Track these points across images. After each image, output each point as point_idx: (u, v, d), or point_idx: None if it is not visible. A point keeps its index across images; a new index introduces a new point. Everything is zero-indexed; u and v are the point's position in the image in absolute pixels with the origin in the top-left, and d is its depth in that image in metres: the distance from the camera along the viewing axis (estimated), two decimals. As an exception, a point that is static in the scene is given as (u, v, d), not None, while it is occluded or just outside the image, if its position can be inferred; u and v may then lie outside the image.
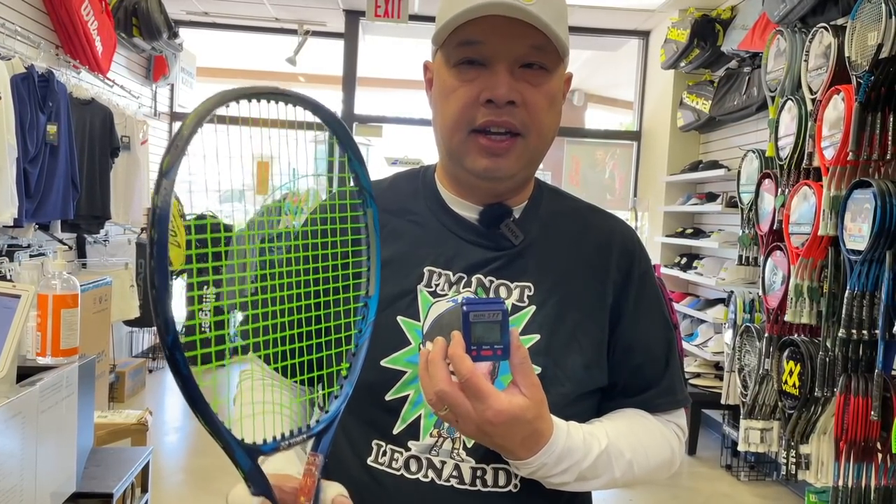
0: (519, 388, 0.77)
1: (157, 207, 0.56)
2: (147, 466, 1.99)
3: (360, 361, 0.76)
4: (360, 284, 0.78)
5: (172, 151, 0.58)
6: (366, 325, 0.77)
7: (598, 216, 1.03)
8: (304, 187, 0.82)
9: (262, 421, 0.80)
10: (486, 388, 0.75)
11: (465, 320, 0.75)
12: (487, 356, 0.76)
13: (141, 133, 5.05)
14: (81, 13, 4.27)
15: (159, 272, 0.56)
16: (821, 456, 3.06)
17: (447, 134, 0.91)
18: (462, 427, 0.78)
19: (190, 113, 0.60)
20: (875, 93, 2.70)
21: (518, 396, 0.76)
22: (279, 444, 0.68)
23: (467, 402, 0.75)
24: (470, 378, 0.74)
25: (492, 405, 0.75)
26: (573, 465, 0.82)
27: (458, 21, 0.85)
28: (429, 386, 0.76)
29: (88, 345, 3.71)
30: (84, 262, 4.75)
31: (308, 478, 0.69)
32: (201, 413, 0.61)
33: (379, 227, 0.78)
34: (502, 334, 0.76)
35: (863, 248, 2.66)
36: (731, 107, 4.50)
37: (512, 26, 0.84)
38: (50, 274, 1.56)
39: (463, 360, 0.74)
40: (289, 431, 0.70)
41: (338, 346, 0.79)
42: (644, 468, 0.90)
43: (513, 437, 0.78)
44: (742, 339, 3.77)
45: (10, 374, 1.39)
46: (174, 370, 0.59)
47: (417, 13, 5.79)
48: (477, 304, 0.76)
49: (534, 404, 0.77)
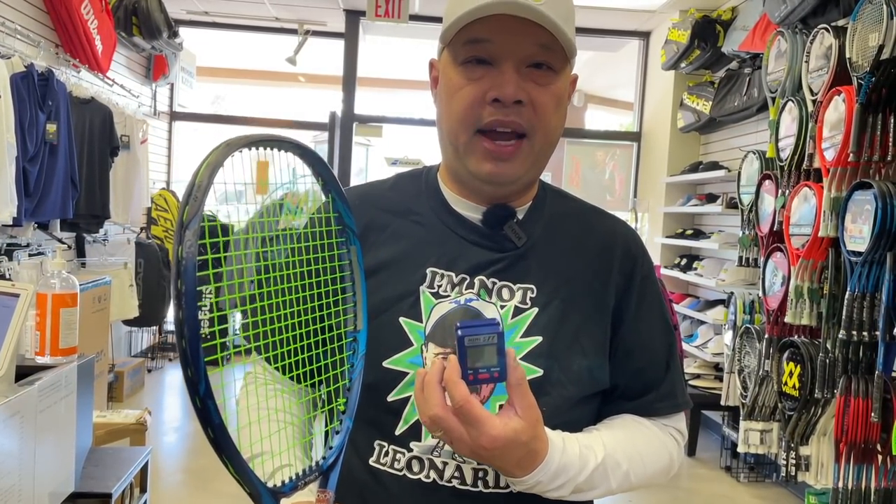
0: (515, 408, 0.77)
1: (182, 259, 0.57)
2: (146, 466, 1.98)
3: (356, 395, 0.78)
4: (348, 321, 0.80)
5: (192, 203, 0.59)
6: (357, 359, 0.78)
7: (601, 218, 1.02)
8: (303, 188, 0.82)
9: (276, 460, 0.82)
10: (480, 414, 0.75)
11: (460, 345, 0.74)
12: (484, 379, 0.75)
13: (140, 132, 5.04)
14: (81, 12, 4.27)
15: (188, 323, 0.57)
16: (821, 457, 3.06)
17: (452, 133, 0.91)
18: (457, 449, 0.78)
19: (201, 164, 0.61)
20: (876, 94, 2.70)
21: (514, 419, 0.76)
22: (297, 484, 0.70)
23: (461, 428, 0.75)
24: (464, 406, 0.74)
25: (486, 431, 0.74)
26: (569, 481, 0.82)
27: (467, 19, 0.84)
28: (424, 408, 0.76)
29: (87, 344, 3.71)
30: (83, 261, 4.74)
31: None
32: (230, 460, 0.61)
33: (363, 263, 0.82)
34: (499, 357, 0.75)
35: (863, 249, 2.66)
36: (731, 108, 4.49)
37: (520, 25, 0.83)
38: (49, 273, 1.55)
39: (457, 386, 0.74)
40: (302, 471, 0.72)
41: (333, 384, 0.80)
42: (641, 477, 0.91)
43: (508, 460, 0.78)
44: (742, 340, 3.77)
45: (9, 374, 1.38)
46: (204, 419, 0.59)
47: (418, 13, 5.79)
48: (472, 328, 0.75)
49: (529, 426, 0.77)
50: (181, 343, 0.57)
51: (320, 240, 0.82)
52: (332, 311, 0.81)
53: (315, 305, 0.80)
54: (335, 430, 0.76)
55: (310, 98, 8.72)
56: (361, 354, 0.78)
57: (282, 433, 0.88)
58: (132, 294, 4.92)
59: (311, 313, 0.80)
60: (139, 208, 5.08)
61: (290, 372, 0.79)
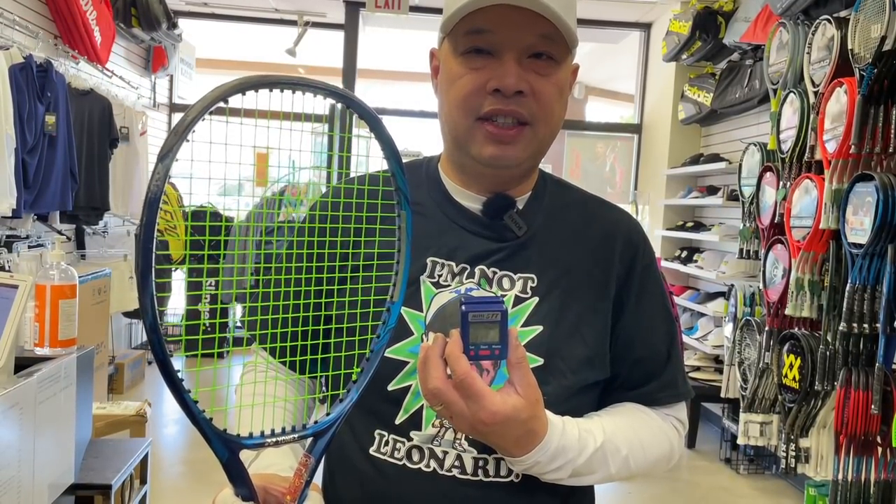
0: (515, 387, 0.77)
1: (148, 191, 0.56)
2: (146, 458, 1.98)
3: (373, 369, 0.75)
4: (386, 289, 0.77)
5: (171, 137, 0.58)
6: (385, 332, 0.76)
7: (602, 208, 1.02)
8: (304, 180, 0.81)
9: (250, 414, 0.80)
10: (480, 388, 0.75)
11: (463, 320, 0.75)
12: (485, 356, 0.76)
13: (140, 124, 5.03)
14: (80, 3, 4.25)
15: (143, 255, 0.57)
16: (820, 450, 3.06)
17: (452, 121, 0.90)
18: (456, 424, 0.78)
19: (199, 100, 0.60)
20: (878, 85, 2.68)
21: (513, 396, 0.77)
22: (265, 440, 0.68)
23: (461, 402, 0.76)
24: (465, 379, 0.75)
25: (485, 406, 0.75)
26: (567, 463, 0.82)
27: (468, 9, 0.84)
28: (425, 381, 0.76)
29: (87, 336, 3.71)
30: (83, 253, 4.74)
31: (297, 478, 0.69)
32: (180, 399, 0.62)
33: (411, 231, 0.75)
34: (501, 334, 0.75)
35: (864, 241, 2.65)
36: (732, 100, 4.48)
37: (521, 15, 0.83)
38: (48, 265, 1.55)
39: (459, 360, 0.75)
40: (280, 429, 0.69)
41: (352, 349, 0.78)
42: (641, 463, 0.91)
43: (507, 437, 0.78)
44: (742, 332, 3.77)
45: (8, 365, 1.38)
46: (153, 352, 0.60)
47: (418, 4, 5.76)
48: (476, 304, 0.75)
49: (528, 404, 0.77)
50: (136, 273, 0.57)
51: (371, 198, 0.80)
52: (369, 276, 0.80)
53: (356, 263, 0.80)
54: (339, 399, 0.74)
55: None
56: (390, 328, 0.76)
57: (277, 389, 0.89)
58: (132, 286, 4.92)
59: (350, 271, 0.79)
60: (139, 200, 5.07)
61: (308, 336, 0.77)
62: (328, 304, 0.84)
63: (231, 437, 0.65)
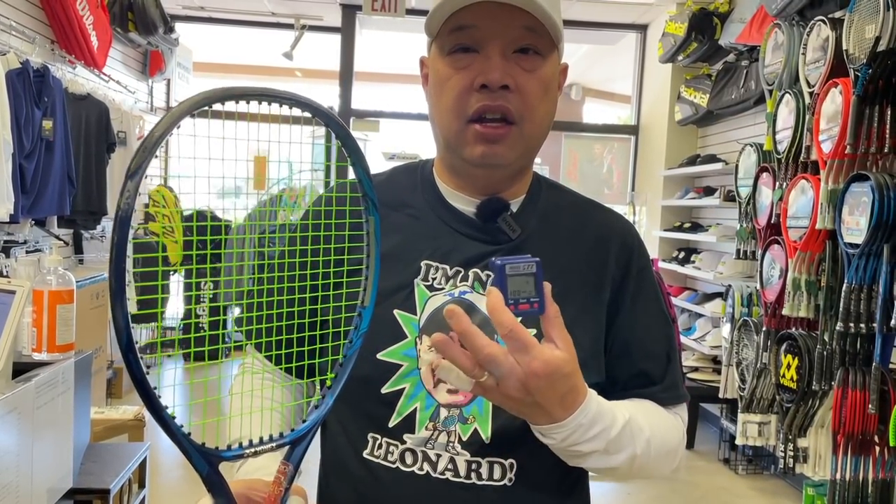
0: (554, 342, 0.74)
1: (118, 209, 0.55)
2: (144, 462, 1.99)
3: (346, 374, 0.73)
4: (356, 294, 0.76)
5: (140, 154, 0.56)
6: (357, 336, 0.74)
7: (596, 211, 1.02)
8: (301, 183, 0.81)
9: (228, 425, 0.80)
10: (530, 338, 0.72)
11: (500, 273, 0.72)
12: (525, 310, 0.73)
13: (137, 128, 5.03)
14: (77, 8, 4.25)
15: (116, 275, 0.55)
16: (818, 449, 3.07)
17: (444, 124, 0.91)
18: (503, 387, 0.73)
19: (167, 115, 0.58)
20: (873, 86, 2.69)
21: (557, 350, 0.74)
22: (244, 451, 0.67)
23: (510, 359, 0.72)
24: (513, 329, 0.71)
25: (537, 356, 0.71)
26: (603, 431, 0.79)
27: (452, 8, 0.85)
28: (475, 349, 0.71)
29: (86, 340, 3.71)
30: (81, 257, 4.74)
31: (276, 486, 0.68)
32: (157, 416, 0.61)
33: (380, 237, 0.75)
34: (537, 287, 0.73)
35: (860, 241, 2.66)
36: (728, 100, 4.49)
37: (505, 10, 0.84)
38: (45, 270, 1.55)
39: (504, 312, 0.71)
40: (258, 439, 0.68)
41: (326, 356, 0.78)
42: (659, 449, 0.88)
43: (554, 393, 0.74)
44: (740, 332, 3.78)
45: (6, 370, 1.38)
46: (129, 373, 0.58)
47: (414, 7, 5.77)
48: (510, 259, 0.73)
49: (572, 358, 0.75)
50: (110, 294, 0.56)
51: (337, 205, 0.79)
52: (338, 282, 0.79)
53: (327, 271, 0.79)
54: (313, 405, 0.73)
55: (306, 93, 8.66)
56: (362, 332, 0.74)
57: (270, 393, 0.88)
58: (130, 290, 4.92)
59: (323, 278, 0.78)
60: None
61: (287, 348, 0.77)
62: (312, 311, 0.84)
63: (210, 450, 0.65)
